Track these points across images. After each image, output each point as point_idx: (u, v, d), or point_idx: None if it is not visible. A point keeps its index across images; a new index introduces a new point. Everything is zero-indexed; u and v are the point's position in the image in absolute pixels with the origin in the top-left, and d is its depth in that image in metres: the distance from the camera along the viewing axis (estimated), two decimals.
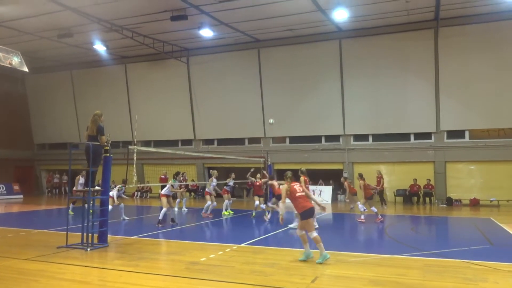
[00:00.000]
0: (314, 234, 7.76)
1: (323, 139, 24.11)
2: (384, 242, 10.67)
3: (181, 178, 15.04)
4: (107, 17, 19.48)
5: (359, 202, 14.60)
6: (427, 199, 21.52)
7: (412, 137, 22.41)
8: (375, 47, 22.00)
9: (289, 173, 8.21)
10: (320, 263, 7.45)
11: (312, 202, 8.19)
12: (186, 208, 18.30)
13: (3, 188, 26.49)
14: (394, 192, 22.23)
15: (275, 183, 14.21)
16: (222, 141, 26.46)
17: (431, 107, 21.44)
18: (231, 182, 17.40)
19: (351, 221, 15.00)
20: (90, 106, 27.86)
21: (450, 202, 20.78)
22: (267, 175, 16.45)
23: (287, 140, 25.06)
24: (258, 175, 16.95)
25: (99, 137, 9.38)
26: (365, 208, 14.06)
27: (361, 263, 7.77)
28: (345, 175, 20.95)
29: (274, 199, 14.47)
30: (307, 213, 7.86)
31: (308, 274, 6.80)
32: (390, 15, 19.69)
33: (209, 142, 26.85)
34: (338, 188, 23.92)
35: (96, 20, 19.45)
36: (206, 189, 16.45)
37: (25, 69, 20.10)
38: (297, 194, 7.97)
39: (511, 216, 16.40)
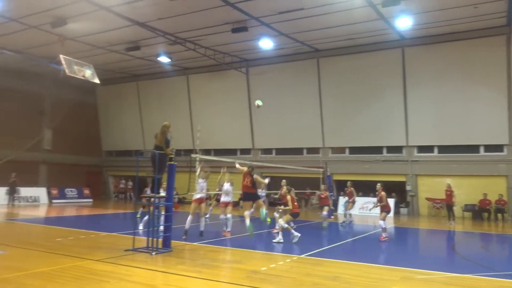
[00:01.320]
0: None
1: (384, 150, 23.40)
2: (452, 260, 10.11)
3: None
4: (171, 30, 20.30)
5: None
6: (499, 215, 20.17)
7: (481, 149, 21.14)
8: (440, 55, 21.10)
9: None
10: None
11: None
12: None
13: (74, 192, 28.22)
14: (462, 207, 21.03)
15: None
16: (280, 151, 26.49)
17: (503, 118, 20.13)
18: (262, 192, 17.32)
19: (415, 236, 14.37)
20: (154, 116, 29.19)
21: None
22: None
23: (347, 150, 24.58)
24: (323, 186, 17.04)
25: (164, 148, 9.74)
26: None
27: (429, 281, 7.40)
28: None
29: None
30: None
31: None
32: (457, 21, 18.85)
33: (267, 151, 26.99)
34: (401, 201, 23.09)
35: (162, 33, 20.32)
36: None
37: (97, 80, 21.43)
38: None
39: None
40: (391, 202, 22.20)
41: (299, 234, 11.22)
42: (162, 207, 10.35)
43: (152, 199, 9.83)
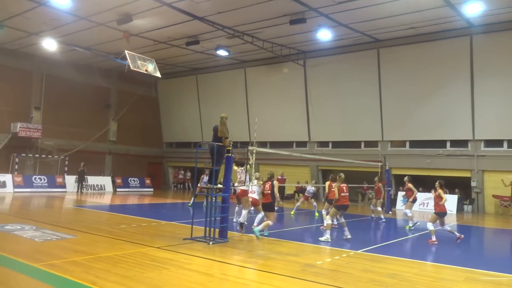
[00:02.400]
0: None
1: (448, 144, 22.30)
2: None
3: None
4: (229, 24, 20.54)
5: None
6: None
7: None
8: None
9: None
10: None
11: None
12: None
13: (137, 181, 29.59)
14: None
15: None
16: (337, 144, 26.07)
17: None
18: (310, 188, 17.13)
19: (480, 235, 13.60)
20: (212, 108, 29.80)
21: None
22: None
23: (407, 144, 23.71)
24: (376, 178, 16.48)
25: (223, 140, 9.89)
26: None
27: (495, 283, 6.99)
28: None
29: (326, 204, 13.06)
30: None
31: None
32: None
33: (323, 144, 26.66)
34: (465, 198, 21.95)
35: (220, 27, 20.62)
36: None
37: (158, 74, 22.24)
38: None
39: None
40: (454, 198, 21.26)
41: (349, 236, 10.72)
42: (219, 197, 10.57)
43: (210, 190, 10.05)
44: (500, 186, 20.25)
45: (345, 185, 10.87)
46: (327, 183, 11.76)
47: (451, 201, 21.28)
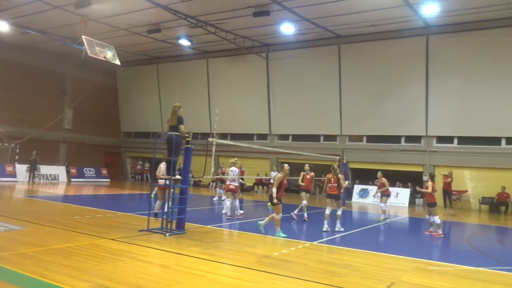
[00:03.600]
0: None
1: (403, 139, 23.12)
2: (466, 253, 9.98)
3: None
4: (193, 13, 20.26)
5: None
6: None
7: (503, 141, 20.69)
8: (467, 44, 20.56)
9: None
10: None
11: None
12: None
13: (93, 172, 28.78)
14: (479, 199, 20.75)
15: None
16: (297, 137, 26.43)
17: None
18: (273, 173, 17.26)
19: (428, 227, 14.21)
20: (173, 98, 29.22)
21: None
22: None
23: (364, 139, 24.38)
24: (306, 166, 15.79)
25: (178, 127, 9.80)
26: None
27: (441, 273, 7.35)
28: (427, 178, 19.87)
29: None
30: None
31: (384, 279, 6.57)
32: (486, 9, 18.30)
33: (284, 137, 26.95)
34: (417, 192, 22.83)
35: (183, 16, 20.28)
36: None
37: (118, 62, 21.62)
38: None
39: None
40: (407, 192, 22.10)
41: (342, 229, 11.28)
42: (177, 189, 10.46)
43: (168, 182, 9.93)
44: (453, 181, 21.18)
45: (311, 174, 11.60)
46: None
47: (403, 195, 22.16)
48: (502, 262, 8.48)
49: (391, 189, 18.23)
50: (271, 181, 17.10)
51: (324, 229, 11.00)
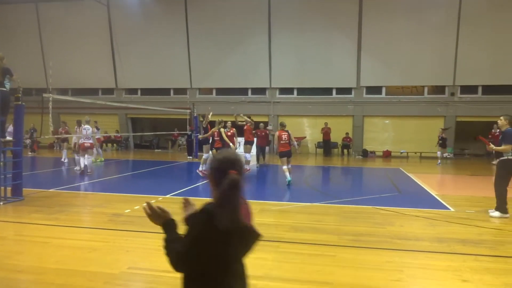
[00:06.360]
0: None
1: (249, 91, 24.27)
2: (304, 192, 11.24)
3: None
4: None
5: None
6: (345, 151, 22.85)
7: (334, 91, 23.32)
8: (304, 1, 22.09)
9: None
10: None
11: None
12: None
13: None
14: (315, 144, 23.29)
15: None
16: (146, 91, 25.61)
17: (352, 63, 22.34)
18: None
19: (273, 173, 15.56)
20: None
21: (365, 153, 22.27)
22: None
23: (214, 91, 24.88)
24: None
25: (8, 79, 8.57)
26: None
27: (283, 211, 8.19)
28: (269, 127, 21.42)
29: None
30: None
31: None
32: None
33: (132, 91, 25.84)
34: None
35: None
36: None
37: None
38: None
39: (417, 166, 18.04)
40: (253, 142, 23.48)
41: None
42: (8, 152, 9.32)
43: None
44: (291, 129, 23.16)
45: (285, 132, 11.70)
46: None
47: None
48: (333, 196, 9.81)
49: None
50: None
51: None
